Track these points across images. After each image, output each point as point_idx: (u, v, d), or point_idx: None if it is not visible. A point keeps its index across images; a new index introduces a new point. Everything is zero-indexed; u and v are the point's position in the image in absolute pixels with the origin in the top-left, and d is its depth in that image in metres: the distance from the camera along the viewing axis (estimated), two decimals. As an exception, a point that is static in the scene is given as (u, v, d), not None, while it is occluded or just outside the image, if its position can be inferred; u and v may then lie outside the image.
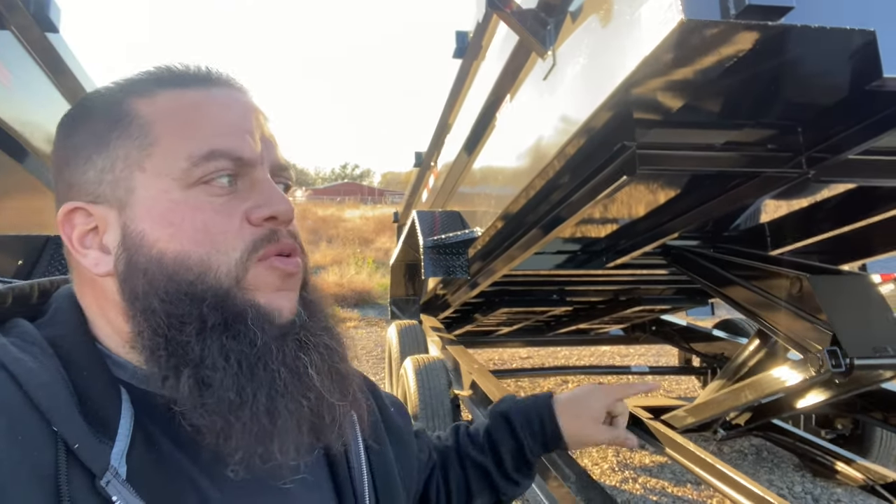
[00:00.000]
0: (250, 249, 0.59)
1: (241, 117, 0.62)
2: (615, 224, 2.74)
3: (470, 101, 3.01)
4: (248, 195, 0.61)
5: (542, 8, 1.67)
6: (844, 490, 3.46)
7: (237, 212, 0.60)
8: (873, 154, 1.65)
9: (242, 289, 0.58)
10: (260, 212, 0.60)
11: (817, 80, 1.38)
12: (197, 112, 0.60)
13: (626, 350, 8.24)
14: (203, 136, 0.59)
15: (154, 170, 0.58)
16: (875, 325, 1.92)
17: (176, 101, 0.61)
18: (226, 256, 0.58)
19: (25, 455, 0.49)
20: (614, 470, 3.88)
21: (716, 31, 1.07)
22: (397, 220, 7.07)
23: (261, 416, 0.55)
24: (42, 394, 0.51)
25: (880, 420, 2.75)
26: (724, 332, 4.59)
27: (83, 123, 0.62)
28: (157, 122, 0.60)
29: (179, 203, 0.58)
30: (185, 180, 0.58)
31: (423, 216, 3.40)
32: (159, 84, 0.62)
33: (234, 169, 0.60)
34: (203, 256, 0.57)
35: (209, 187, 0.59)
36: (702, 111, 1.56)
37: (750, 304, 2.35)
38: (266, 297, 0.60)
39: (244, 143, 0.61)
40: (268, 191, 0.61)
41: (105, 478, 0.50)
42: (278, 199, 0.61)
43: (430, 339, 4.34)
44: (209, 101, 0.62)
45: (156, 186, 0.58)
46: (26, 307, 0.64)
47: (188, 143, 0.59)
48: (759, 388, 2.24)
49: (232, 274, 0.58)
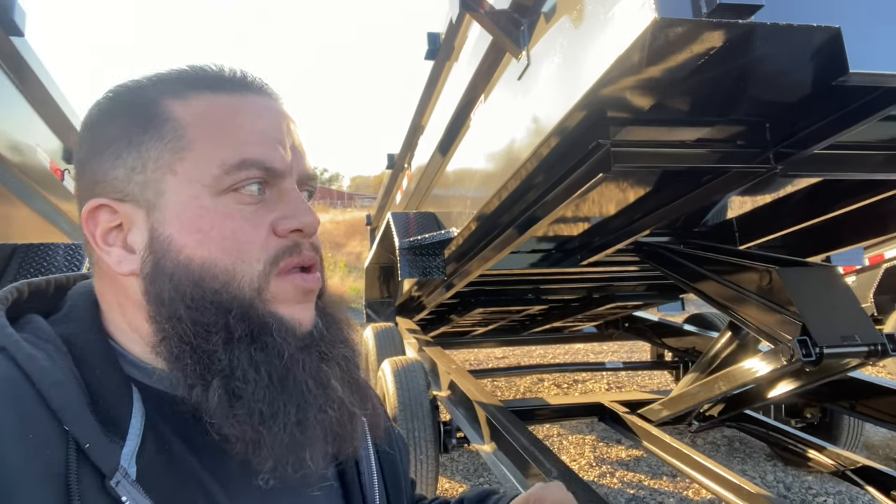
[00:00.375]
0: (272, 261, 0.59)
1: (273, 126, 0.62)
2: (588, 222, 2.78)
3: (443, 102, 3.01)
4: (275, 205, 0.61)
5: (515, 8, 1.69)
6: (815, 478, 3.55)
7: (264, 222, 0.60)
8: (838, 148, 1.70)
9: (264, 300, 0.59)
10: (287, 223, 0.60)
11: (785, 76, 1.42)
12: (231, 119, 0.60)
13: (600, 347, 8.35)
14: (236, 143, 0.59)
15: (185, 174, 0.58)
16: (843, 315, 1.97)
17: (210, 106, 0.60)
18: (250, 267, 0.58)
19: (37, 453, 0.49)
20: (592, 465, 3.92)
21: (688, 29, 1.10)
22: (370, 223, 7.04)
23: (292, 428, 0.56)
24: (54, 392, 0.51)
25: (847, 408, 2.83)
26: (694, 326, 4.68)
27: (113, 118, 0.61)
28: (191, 125, 0.59)
29: (209, 210, 0.58)
30: (216, 187, 0.58)
31: (397, 218, 3.40)
32: (194, 86, 0.61)
33: (264, 178, 0.60)
34: (229, 265, 0.57)
35: (239, 195, 0.59)
36: (673, 109, 1.60)
37: (721, 298, 2.40)
38: (287, 309, 0.60)
39: (276, 152, 0.60)
40: (295, 202, 0.61)
41: (115, 478, 0.50)
42: (304, 211, 0.61)
43: (407, 341, 4.34)
44: (243, 107, 0.61)
45: (186, 191, 0.58)
46: (42, 302, 0.64)
47: (221, 150, 0.58)
48: (733, 379, 2.29)
49: (254, 285, 0.58)
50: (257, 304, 0.58)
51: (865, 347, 1.88)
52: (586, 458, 4.07)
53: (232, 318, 0.57)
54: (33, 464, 0.48)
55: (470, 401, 2.76)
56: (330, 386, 0.60)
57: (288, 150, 0.62)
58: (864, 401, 2.70)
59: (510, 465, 2.24)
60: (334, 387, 0.61)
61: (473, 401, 2.71)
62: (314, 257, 0.63)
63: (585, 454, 4.14)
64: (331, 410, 0.59)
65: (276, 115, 0.64)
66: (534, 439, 2.17)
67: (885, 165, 1.81)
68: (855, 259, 3.38)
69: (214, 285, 0.57)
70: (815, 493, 3.37)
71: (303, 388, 0.58)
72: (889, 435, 4.28)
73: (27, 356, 0.53)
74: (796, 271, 2.06)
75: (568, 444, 4.37)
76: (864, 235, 2.48)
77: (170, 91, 0.61)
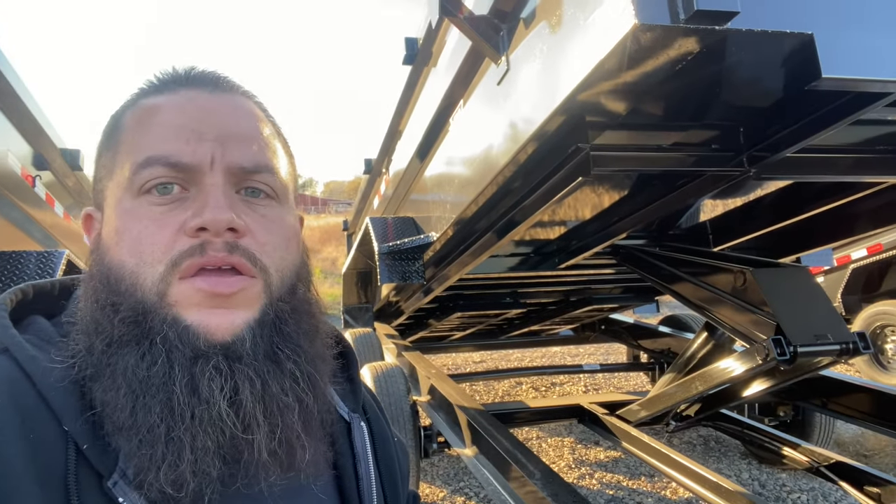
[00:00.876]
0: (173, 263, 0.55)
1: (192, 119, 0.59)
2: (566, 226, 2.81)
3: (421, 107, 3.02)
4: (192, 204, 0.57)
5: (494, 13, 1.70)
6: (789, 475, 3.62)
7: (173, 222, 0.56)
8: (809, 152, 1.75)
9: (167, 304, 0.55)
10: (191, 222, 0.56)
11: (759, 81, 1.45)
12: (151, 118, 0.60)
13: (577, 350, 8.40)
14: (147, 143, 0.58)
15: (116, 179, 0.60)
16: (815, 314, 2.02)
17: (143, 110, 0.61)
18: (152, 269, 0.55)
19: (36, 453, 0.49)
20: (571, 467, 3.95)
21: (666, 35, 1.12)
22: (347, 229, 7.02)
23: (154, 441, 0.52)
24: (54, 393, 0.52)
25: (819, 406, 2.89)
26: (669, 327, 4.75)
27: (102, 135, 0.65)
28: (125, 131, 0.61)
29: (127, 212, 0.58)
30: (131, 189, 0.58)
31: (376, 222, 3.40)
32: (145, 93, 0.63)
33: (174, 176, 0.57)
34: (134, 268, 0.56)
35: (150, 196, 0.57)
36: (651, 113, 1.62)
37: (697, 299, 2.44)
38: (195, 314, 0.55)
39: (185, 146, 0.57)
40: (205, 198, 0.57)
41: (112, 479, 0.51)
42: (211, 207, 0.56)
43: (386, 347, 4.32)
44: (167, 105, 0.61)
45: (115, 196, 0.59)
46: (47, 304, 0.65)
47: (133, 152, 0.59)
48: (709, 378, 2.33)
49: (154, 289, 0.55)
50: (158, 308, 0.55)
51: (838, 346, 1.93)
52: (565, 460, 4.10)
53: (118, 319, 0.55)
54: (33, 463, 0.48)
55: (451, 405, 2.76)
56: (213, 403, 0.53)
57: (209, 142, 0.58)
58: (836, 398, 2.77)
59: (492, 469, 2.24)
60: (217, 405, 0.54)
61: (454, 404, 2.71)
62: (227, 258, 0.56)
63: (565, 456, 4.17)
64: (213, 430, 0.53)
65: (205, 107, 0.60)
66: (515, 442, 2.18)
67: (854, 168, 1.86)
68: (824, 260, 3.46)
69: (120, 287, 0.56)
70: (789, 490, 3.43)
71: (172, 402, 0.53)
72: (859, 431, 4.38)
73: (29, 357, 0.53)
74: (770, 272, 2.11)
75: (547, 447, 4.40)
76: (833, 237, 2.54)
77: (131, 101, 0.64)
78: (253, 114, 0.64)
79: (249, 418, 0.55)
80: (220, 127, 0.59)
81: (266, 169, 0.61)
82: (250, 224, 0.59)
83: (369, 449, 0.72)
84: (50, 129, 3.26)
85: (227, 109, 0.62)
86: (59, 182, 3.67)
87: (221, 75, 0.65)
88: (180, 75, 0.64)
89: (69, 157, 3.63)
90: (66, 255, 2.77)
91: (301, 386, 0.60)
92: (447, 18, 1.83)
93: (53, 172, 3.52)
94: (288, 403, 0.58)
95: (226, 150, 0.58)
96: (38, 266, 2.60)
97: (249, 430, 0.55)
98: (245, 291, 0.57)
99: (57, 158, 3.47)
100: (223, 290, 0.56)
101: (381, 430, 0.78)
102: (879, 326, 5.89)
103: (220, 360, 0.55)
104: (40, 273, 2.60)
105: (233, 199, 0.58)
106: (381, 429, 0.79)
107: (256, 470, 0.57)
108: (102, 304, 0.56)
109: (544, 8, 1.49)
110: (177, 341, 0.54)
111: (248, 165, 0.60)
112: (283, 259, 0.61)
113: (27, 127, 2.92)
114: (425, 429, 3.20)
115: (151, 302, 0.55)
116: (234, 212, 0.57)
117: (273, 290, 0.60)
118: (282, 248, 0.61)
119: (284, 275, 0.62)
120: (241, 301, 0.57)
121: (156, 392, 0.52)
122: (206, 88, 0.62)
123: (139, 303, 0.55)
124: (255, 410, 0.55)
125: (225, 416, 0.54)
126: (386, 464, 0.76)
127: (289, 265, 0.62)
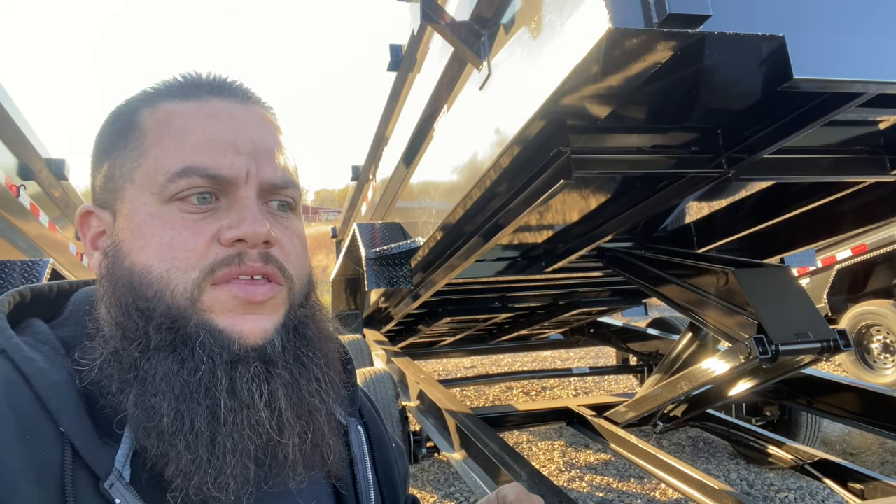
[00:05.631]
0: (208, 270, 0.57)
1: (229, 131, 0.60)
2: (552, 230, 2.83)
3: (407, 113, 3.04)
4: (226, 214, 0.59)
5: (475, 20, 1.72)
6: (776, 475, 3.64)
7: (208, 230, 0.58)
8: (787, 153, 1.78)
9: (199, 310, 0.56)
10: (229, 233, 0.58)
11: (734, 84, 1.48)
12: (185, 125, 0.60)
13: (567, 354, 8.43)
14: (183, 150, 0.58)
15: (140, 182, 0.59)
16: (796, 313, 2.05)
17: (171, 113, 0.61)
18: (184, 275, 0.56)
19: (33, 454, 0.49)
20: (561, 470, 3.96)
21: (641, 39, 1.14)
22: (336, 236, 7.01)
23: (198, 446, 0.53)
24: (51, 394, 0.52)
25: (804, 405, 2.92)
26: (657, 330, 4.77)
27: (105, 130, 0.64)
28: (150, 133, 0.60)
29: (154, 217, 0.58)
30: (162, 195, 0.58)
31: (363, 228, 3.40)
32: (167, 94, 0.62)
33: (211, 186, 0.58)
34: (163, 273, 0.56)
35: (184, 204, 0.58)
36: (630, 116, 1.65)
37: (681, 300, 2.47)
38: (228, 320, 0.57)
39: (223, 159, 0.59)
40: (242, 210, 0.58)
41: (108, 480, 0.51)
42: (250, 221, 0.58)
43: (375, 353, 4.32)
44: (201, 113, 0.61)
45: (138, 199, 0.59)
46: (45, 307, 0.65)
47: (168, 158, 0.58)
48: (694, 378, 2.35)
49: (187, 294, 0.56)
50: (191, 313, 0.56)
51: (818, 344, 1.96)
52: (555, 463, 4.11)
53: (153, 326, 0.55)
54: (30, 465, 0.49)
55: (439, 409, 2.77)
56: (254, 408, 0.56)
57: (245, 155, 0.60)
58: (821, 398, 2.80)
59: (481, 473, 2.25)
60: (258, 409, 0.56)
61: (443, 409, 2.72)
62: (262, 268, 0.59)
63: (555, 459, 4.18)
64: (252, 434, 0.56)
65: (237, 120, 0.62)
66: (504, 445, 2.19)
67: (832, 168, 1.89)
68: (807, 260, 3.51)
69: (148, 293, 0.56)
70: (776, 489, 3.46)
71: (216, 406, 0.54)
72: (846, 430, 4.42)
73: (26, 358, 0.54)
74: (751, 272, 2.13)
75: (537, 451, 4.40)
76: (815, 237, 2.58)
77: (148, 101, 0.63)
78: (276, 127, 0.66)
79: (284, 421, 0.58)
80: (253, 141, 0.61)
81: (292, 185, 0.64)
82: (278, 235, 0.61)
83: (367, 453, 0.73)
84: (34, 139, 3.25)
85: (257, 123, 0.64)
86: (44, 192, 3.65)
87: (245, 85, 0.66)
88: (207, 82, 0.64)
89: (54, 167, 3.61)
90: (51, 265, 2.75)
91: (324, 388, 0.62)
92: (429, 25, 1.84)
93: (39, 183, 3.50)
94: (315, 406, 0.61)
95: (259, 166, 0.61)
96: (22, 275, 2.58)
97: (283, 433, 0.58)
98: (274, 298, 0.60)
99: (42, 168, 3.45)
100: (258, 298, 0.58)
101: (379, 435, 0.79)
102: (865, 326, 5.94)
103: (258, 364, 0.57)
104: (24, 282, 2.58)
105: (263, 212, 0.61)
106: (379, 433, 0.79)
107: (284, 471, 0.59)
108: (127, 310, 0.56)
109: (523, 13, 1.51)
110: (215, 346, 0.56)
111: (278, 182, 0.62)
112: (302, 268, 0.64)
113: (10, 136, 2.91)
114: (415, 434, 3.20)
115: (183, 307, 0.56)
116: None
117: (295, 296, 0.63)
118: (302, 258, 0.64)
119: (303, 282, 0.64)
120: (270, 307, 0.60)
121: (201, 397, 0.54)
122: (236, 99, 0.64)
123: (170, 308, 0.56)
124: (289, 413, 0.58)
125: (264, 420, 0.56)
126: (384, 468, 0.76)
127: (306, 273, 0.65)
